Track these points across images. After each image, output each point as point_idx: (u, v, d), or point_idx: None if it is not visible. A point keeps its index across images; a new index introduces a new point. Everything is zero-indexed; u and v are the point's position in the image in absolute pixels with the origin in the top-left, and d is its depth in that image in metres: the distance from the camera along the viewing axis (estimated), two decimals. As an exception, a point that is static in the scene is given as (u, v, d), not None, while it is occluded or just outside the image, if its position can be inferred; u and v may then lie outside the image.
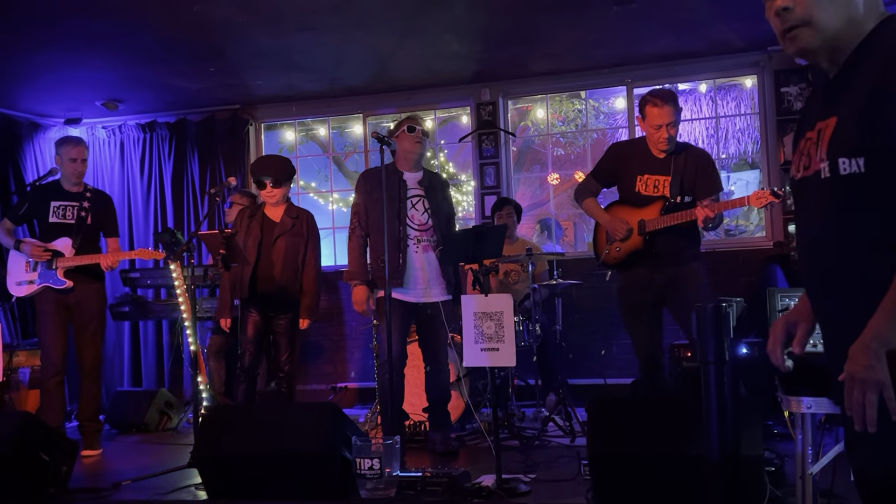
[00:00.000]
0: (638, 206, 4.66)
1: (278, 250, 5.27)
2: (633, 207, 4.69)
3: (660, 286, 4.59)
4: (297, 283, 5.33)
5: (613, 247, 4.70)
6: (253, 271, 5.21)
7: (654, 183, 4.63)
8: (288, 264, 5.28)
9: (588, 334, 7.07)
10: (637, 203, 4.67)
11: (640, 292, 4.63)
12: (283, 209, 5.40)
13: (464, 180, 9.47)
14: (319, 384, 7.77)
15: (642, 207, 4.64)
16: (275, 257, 5.25)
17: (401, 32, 6.16)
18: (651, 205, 4.61)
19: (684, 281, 4.53)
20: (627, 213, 4.69)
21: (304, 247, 5.35)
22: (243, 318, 5.28)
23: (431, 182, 5.02)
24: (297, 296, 5.33)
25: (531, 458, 4.76)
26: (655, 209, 4.59)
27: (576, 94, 8.76)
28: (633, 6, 5.74)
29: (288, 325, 5.31)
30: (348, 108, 8.12)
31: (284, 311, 5.30)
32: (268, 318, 5.31)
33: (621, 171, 4.77)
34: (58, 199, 5.66)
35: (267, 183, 5.29)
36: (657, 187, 4.63)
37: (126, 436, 6.50)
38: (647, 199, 4.63)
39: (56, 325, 5.59)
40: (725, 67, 7.21)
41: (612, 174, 4.83)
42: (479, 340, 3.96)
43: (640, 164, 4.67)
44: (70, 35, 5.85)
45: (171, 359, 7.60)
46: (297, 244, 5.33)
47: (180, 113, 8.10)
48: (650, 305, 4.64)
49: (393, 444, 3.89)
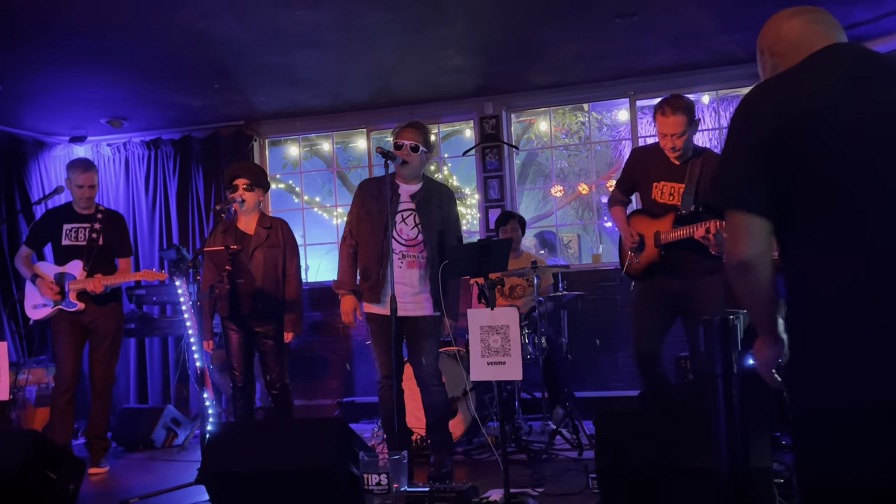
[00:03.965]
0: (655, 216, 4.60)
1: (256, 263, 5.07)
2: (650, 217, 4.62)
3: (674, 294, 4.52)
4: (278, 293, 5.16)
5: (633, 258, 4.65)
6: (232, 287, 5.00)
7: (669, 190, 4.54)
8: (268, 276, 5.10)
9: (594, 346, 7.06)
10: (654, 212, 4.60)
11: (653, 293, 4.58)
12: (256, 219, 5.21)
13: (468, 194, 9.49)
14: (325, 399, 7.76)
15: (658, 218, 4.57)
16: (254, 270, 5.05)
17: (403, 47, 6.19)
18: (666, 215, 4.53)
19: (698, 294, 4.44)
20: (645, 224, 4.62)
21: (282, 257, 5.17)
22: (226, 337, 5.12)
23: (427, 195, 4.75)
24: (280, 307, 5.16)
25: (539, 472, 4.74)
26: (669, 220, 4.51)
27: (579, 107, 8.80)
28: (635, 18, 5.76)
29: (273, 338, 5.12)
30: (352, 123, 8.15)
31: (268, 323, 5.11)
32: (252, 333, 5.13)
33: (639, 177, 4.70)
34: (69, 222, 5.71)
35: (240, 184, 5.09)
36: (672, 195, 4.53)
37: (133, 453, 6.49)
38: (663, 209, 4.55)
39: (69, 343, 5.63)
40: (728, 78, 7.22)
41: (632, 181, 4.76)
42: (486, 354, 3.95)
43: (657, 171, 4.58)
44: (74, 53, 5.89)
45: (177, 375, 7.60)
46: (275, 254, 5.15)
47: (185, 129, 8.14)
48: (659, 307, 4.56)
49: (400, 460, 3.89)
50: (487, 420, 5.74)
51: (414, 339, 4.71)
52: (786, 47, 2.09)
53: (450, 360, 5.59)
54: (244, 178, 5.14)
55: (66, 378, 5.62)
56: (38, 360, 6.94)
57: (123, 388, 8.03)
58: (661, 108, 4.45)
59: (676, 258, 4.48)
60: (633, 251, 4.62)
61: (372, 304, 4.69)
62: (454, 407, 5.52)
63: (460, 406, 5.57)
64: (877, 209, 1.83)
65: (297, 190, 10.22)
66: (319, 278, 8.76)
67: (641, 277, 4.67)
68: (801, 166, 1.89)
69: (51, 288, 5.57)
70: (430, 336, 4.69)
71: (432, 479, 4.62)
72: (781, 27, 2.14)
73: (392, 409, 4.53)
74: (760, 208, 1.95)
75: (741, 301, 2.01)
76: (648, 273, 4.62)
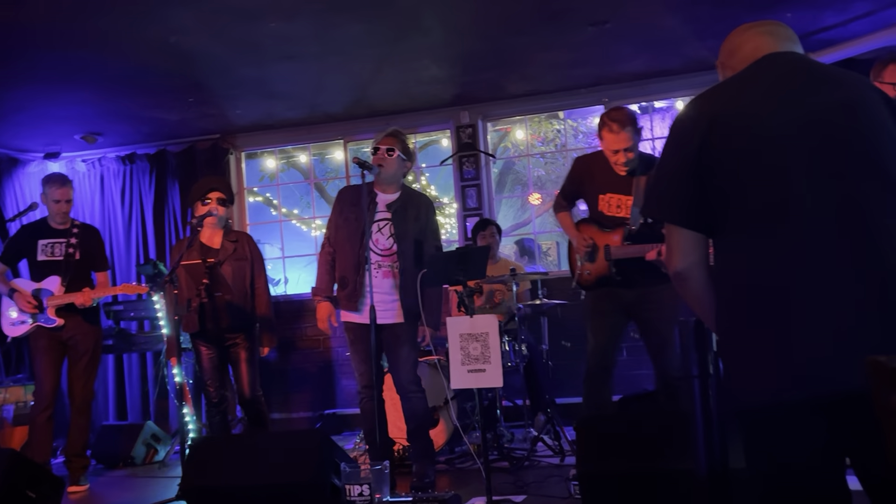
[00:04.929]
0: (604, 229, 4.52)
1: (225, 276, 5.08)
2: (599, 229, 4.54)
3: (628, 303, 4.46)
4: (248, 306, 5.15)
5: (584, 269, 4.56)
6: (210, 300, 5.01)
7: (616, 203, 4.45)
8: (237, 290, 5.09)
9: (575, 352, 7.07)
10: (603, 224, 4.52)
11: (607, 302, 4.50)
12: (221, 234, 5.20)
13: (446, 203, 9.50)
14: (307, 411, 7.73)
15: (608, 231, 4.49)
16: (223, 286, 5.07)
17: (379, 58, 6.20)
18: (616, 230, 4.46)
19: (653, 302, 4.37)
20: (595, 234, 4.53)
21: (249, 269, 5.17)
22: (197, 354, 5.11)
23: (405, 204, 4.71)
24: (250, 319, 5.15)
25: (521, 479, 4.75)
26: (620, 235, 4.44)
27: (554, 115, 8.84)
28: (608, 26, 5.80)
29: (245, 350, 5.11)
30: (329, 135, 8.14)
31: (239, 336, 5.11)
32: (222, 348, 5.12)
33: (584, 188, 4.60)
34: (45, 237, 5.67)
35: (214, 197, 5.10)
36: (620, 208, 4.44)
37: (113, 470, 6.44)
38: (613, 222, 4.47)
39: (48, 361, 5.59)
40: (701, 84, 7.27)
41: (576, 191, 4.68)
42: (466, 362, 3.95)
43: (601, 182, 4.49)
44: (46, 69, 5.84)
45: (157, 391, 7.56)
46: (243, 267, 5.14)
47: (160, 144, 8.10)
48: (613, 316, 4.49)
49: (382, 470, 3.88)
50: (469, 428, 5.74)
51: (391, 347, 4.70)
52: (736, 60, 2.13)
53: (431, 369, 5.59)
54: (220, 192, 5.15)
55: (45, 395, 5.57)
56: (16, 378, 6.87)
57: (102, 405, 7.97)
58: (607, 125, 4.35)
59: (630, 272, 4.41)
60: (585, 259, 4.54)
61: (349, 313, 4.68)
62: (436, 416, 5.52)
63: (442, 415, 5.57)
64: (799, 215, 1.85)
65: (274, 202, 10.20)
66: (298, 291, 8.74)
67: (593, 287, 4.58)
68: (726, 174, 1.92)
69: (29, 301, 5.52)
70: (406, 343, 4.67)
71: (415, 489, 4.61)
72: (734, 41, 2.18)
73: (374, 420, 4.52)
74: (692, 220, 1.99)
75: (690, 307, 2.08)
76: (599, 284, 4.54)
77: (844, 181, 1.85)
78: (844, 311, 1.78)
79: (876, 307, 1.77)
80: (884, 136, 1.91)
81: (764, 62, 2.04)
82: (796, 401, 1.81)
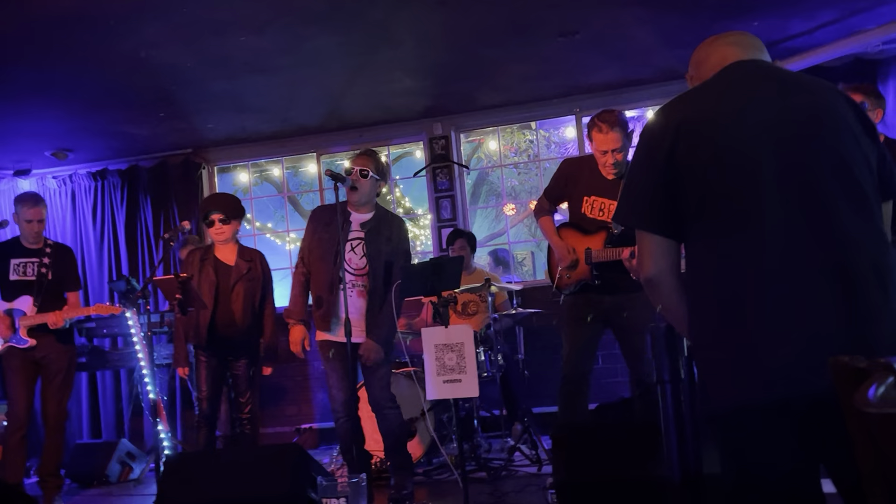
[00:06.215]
0: (585, 232, 4.55)
1: (237, 296, 5.12)
2: (581, 233, 4.57)
3: (605, 308, 4.48)
4: (256, 326, 5.22)
5: (564, 273, 4.59)
6: (212, 317, 5.06)
7: (600, 206, 4.49)
8: (248, 309, 5.15)
9: (551, 362, 7.08)
10: (584, 228, 4.56)
11: (584, 307, 4.52)
12: (236, 251, 5.25)
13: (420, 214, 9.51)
14: (284, 426, 7.68)
15: (589, 234, 4.53)
16: (234, 304, 5.10)
17: (352, 71, 6.21)
18: (598, 233, 4.50)
19: (631, 309, 4.39)
20: (576, 238, 4.57)
21: (259, 290, 5.23)
22: (198, 364, 5.13)
23: (378, 225, 4.70)
24: (256, 338, 5.23)
25: (499, 489, 4.75)
26: (601, 238, 4.48)
27: (526, 125, 8.88)
28: (578, 37, 5.85)
29: (247, 367, 5.18)
30: (302, 148, 8.13)
31: (243, 354, 5.17)
32: (225, 362, 5.16)
33: (569, 190, 4.63)
34: (17, 257, 5.60)
35: (215, 219, 5.13)
36: (602, 211, 4.48)
37: (88, 489, 6.35)
38: (595, 225, 4.50)
39: (22, 380, 5.51)
40: (672, 93, 7.18)
41: (561, 192, 4.71)
42: (441, 372, 3.95)
43: (588, 185, 4.53)
44: (14, 84, 5.79)
45: (131, 408, 7.48)
46: (255, 288, 5.21)
47: (132, 159, 8.05)
48: (590, 322, 4.51)
49: (359, 483, 3.86)
50: (447, 440, 5.73)
51: (365, 365, 4.67)
52: (703, 71, 2.17)
53: (406, 380, 5.58)
54: (218, 212, 5.16)
55: (19, 416, 5.49)
56: (-11, 398, 6.77)
57: (76, 423, 7.87)
58: (596, 126, 4.40)
59: (609, 277, 4.44)
60: (567, 268, 4.56)
61: (324, 333, 4.66)
62: (413, 428, 5.50)
63: (419, 427, 5.55)
64: (766, 218, 1.87)
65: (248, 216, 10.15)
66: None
67: (572, 291, 4.60)
68: (692, 179, 1.95)
69: (2, 320, 5.46)
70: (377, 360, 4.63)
71: (393, 501, 4.60)
72: (701, 52, 2.22)
73: (350, 441, 4.52)
74: (662, 226, 2.01)
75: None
76: (579, 288, 4.57)
77: (811, 185, 1.88)
78: (812, 313, 1.80)
79: (844, 309, 1.80)
80: (850, 140, 1.94)
81: (730, 70, 2.07)
82: (765, 403, 1.82)
